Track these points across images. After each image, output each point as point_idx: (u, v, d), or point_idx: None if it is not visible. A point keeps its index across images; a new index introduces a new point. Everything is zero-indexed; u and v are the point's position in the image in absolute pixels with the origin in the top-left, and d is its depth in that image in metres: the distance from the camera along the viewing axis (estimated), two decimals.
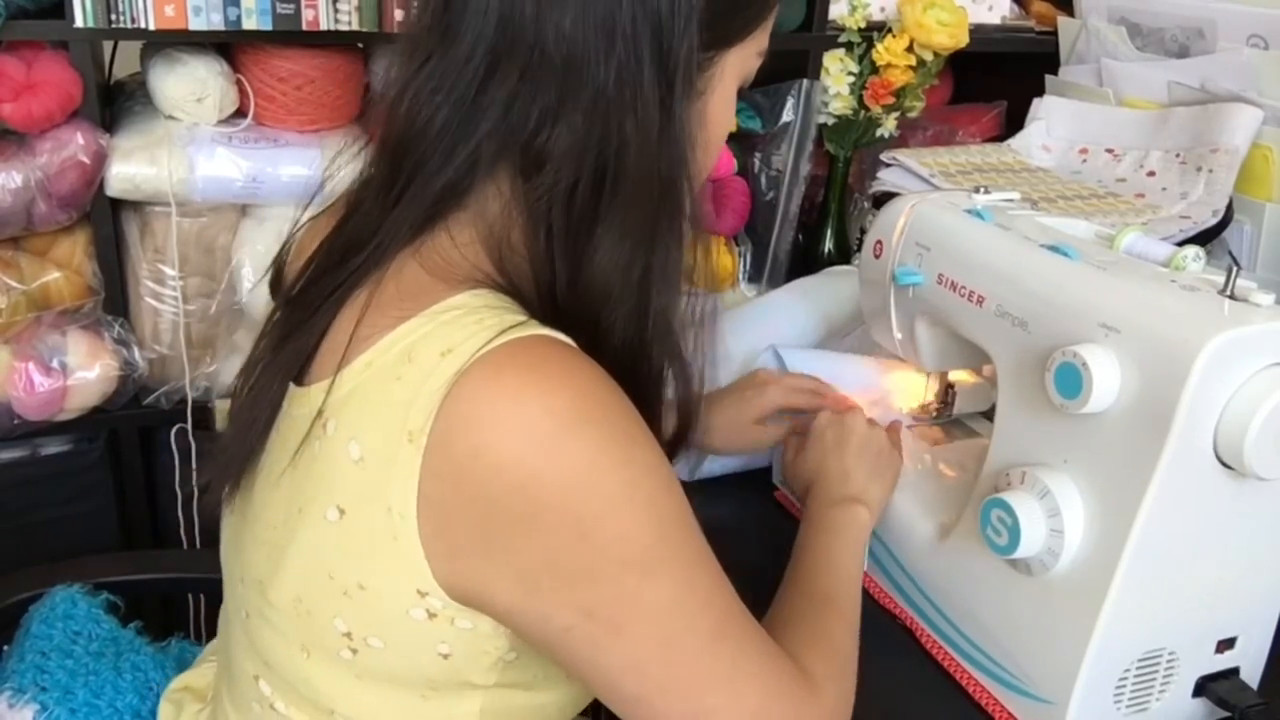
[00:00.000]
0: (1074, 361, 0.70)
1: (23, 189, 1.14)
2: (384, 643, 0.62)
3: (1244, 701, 0.76)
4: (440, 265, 0.62)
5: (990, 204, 0.90)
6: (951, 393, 0.99)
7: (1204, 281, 0.73)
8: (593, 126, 0.59)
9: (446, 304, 0.60)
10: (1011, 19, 1.52)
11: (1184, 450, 0.67)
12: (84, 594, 0.93)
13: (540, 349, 0.58)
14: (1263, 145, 1.16)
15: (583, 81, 0.59)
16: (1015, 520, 0.73)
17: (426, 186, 0.62)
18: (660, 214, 0.62)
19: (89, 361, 1.21)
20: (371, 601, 0.60)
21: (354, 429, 0.60)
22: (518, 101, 0.59)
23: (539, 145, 0.60)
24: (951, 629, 0.83)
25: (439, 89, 0.61)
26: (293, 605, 0.64)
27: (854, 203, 1.53)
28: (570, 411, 0.57)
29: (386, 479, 0.58)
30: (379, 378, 0.60)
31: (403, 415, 0.57)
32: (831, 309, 1.18)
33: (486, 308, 0.60)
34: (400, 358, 0.59)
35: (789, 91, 1.37)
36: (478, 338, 0.57)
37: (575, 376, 0.58)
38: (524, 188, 0.61)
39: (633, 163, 0.60)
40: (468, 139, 0.60)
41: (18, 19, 1.09)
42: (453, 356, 0.57)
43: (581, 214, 0.61)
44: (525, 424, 0.56)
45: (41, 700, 0.83)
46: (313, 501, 0.61)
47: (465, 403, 0.56)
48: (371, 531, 0.59)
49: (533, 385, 0.57)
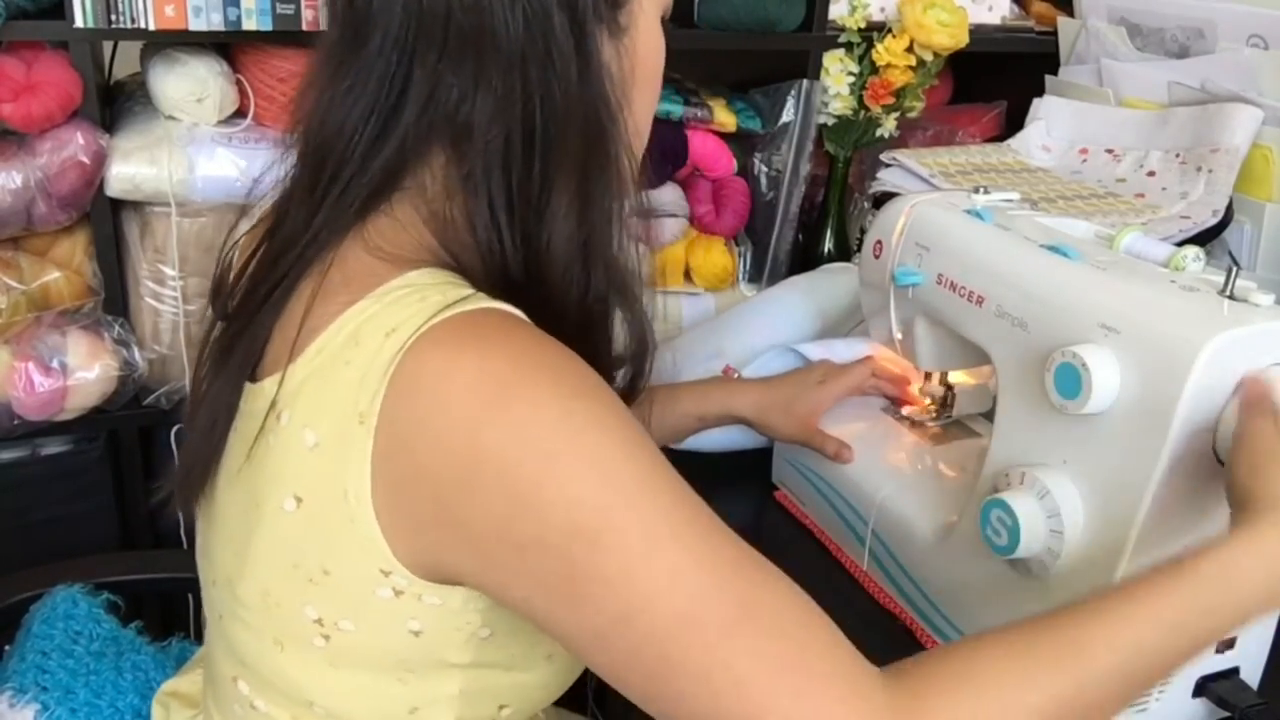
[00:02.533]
0: (1074, 362, 0.70)
1: (23, 189, 1.14)
2: (354, 625, 0.62)
3: (1244, 701, 0.76)
4: (386, 247, 0.62)
5: (990, 204, 0.90)
6: (951, 393, 0.99)
7: (1204, 281, 0.73)
8: (511, 87, 0.59)
9: (392, 285, 0.60)
10: (1011, 19, 1.52)
11: (1184, 450, 0.68)
12: (84, 594, 0.93)
13: (480, 319, 0.58)
14: (1263, 145, 1.16)
15: (495, 44, 0.58)
16: (1015, 520, 0.73)
17: (354, 184, 0.62)
18: (593, 162, 0.62)
19: (89, 361, 1.21)
20: (337, 585, 0.60)
21: (308, 416, 0.60)
22: (442, 79, 0.59)
23: (464, 117, 0.60)
24: (952, 629, 0.84)
25: (352, 92, 0.61)
26: (261, 599, 0.64)
27: (854, 203, 1.53)
28: (507, 372, 0.56)
29: (341, 463, 0.58)
30: (329, 363, 0.60)
31: (353, 397, 0.57)
32: (828, 305, 1.19)
33: (431, 285, 0.60)
34: (348, 341, 0.59)
35: (789, 91, 1.37)
36: (420, 315, 0.57)
37: (513, 340, 0.58)
38: (457, 161, 0.61)
39: (558, 115, 0.60)
40: (392, 129, 0.60)
41: (18, 19, 1.09)
42: (396, 335, 0.57)
43: (519, 176, 0.61)
44: (463, 389, 0.55)
45: (42, 700, 0.83)
46: (270, 494, 0.61)
47: (408, 378, 0.56)
48: (330, 516, 0.59)
49: (469, 351, 0.56)
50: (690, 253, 1.39)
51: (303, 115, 0.65)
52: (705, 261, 1.38)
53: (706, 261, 1.38)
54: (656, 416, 0.98)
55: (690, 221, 1.38)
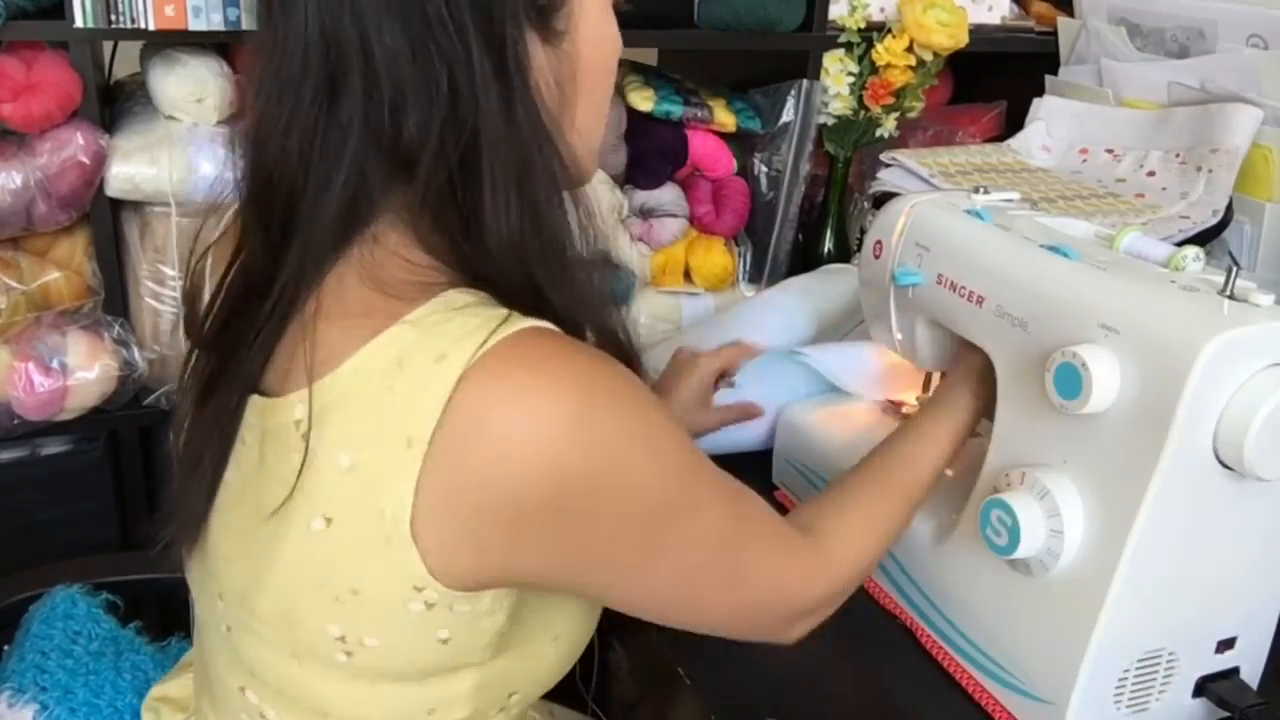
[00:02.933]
0: (1074, 362, 0.70)
1: (23, 189, 1.14)
2: (380, 640, 0.62)
3: (1244, 701, 0.76)
4: (393, 281, 0.61)
5: (990, 204, 0.90)
6: None
7: (1204, 281, 0.73)
8: (441, 114, 0.58)
9: (421, 311, 0.60)
10: (1011, 19, 1.52)
11: (1184, 451, 0.67)
12: (84, 594, 0.93)
13: (533, 342, 0.59)
14: (1263, 145, 1.16)
15: (417, 72, 0.57)
16: (1015, 520, 0.73)
17: (315, 217, 0.60)
18: (527, 181, 0.61)
19: (89, 361, 1.21)
20: (366, 603, 0.61)
21: (342, 438, 0.59)
22: (370, 110, 0.58)
23: (405, 146, 0.59)
24: (951, 629, 0.83)
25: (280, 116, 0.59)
26: (281, 616, 0.63)
27: (854, 203, 1.53)
28: (581, 398, 0.58)
29: (380, 483, 0.58)
30: (369, 387, 0.59)
31: (399, 422, 0.57)
32: (825, 307, 1.19)
33: (467, 307, 0.60)
34: (390, 366, 0.59)
35: (789, 91, 1.37)
36: (471, 339, 0.57)
37: (574, 363, 0.59)
38: (409, 191, 0.60)
39: (486, 139, 0.59)
40: (338, 160, 0.59)
41: (18, 19, 1.09)
42: (449, 362, 0.57)
43: (464, 201, 0.60)
44: (542, 419, 0.57)
45: (41, 700, 0.83)
46: (296, 513, 0.61)
47: (473, 407, 0.57)
48: (363, 536, 0.59)
49: (539, 380, 0.57)
50: (690, 253, 1.39)
51: (243, 140, 0.63)
52: (705, 261, 1.38)
53: (706, 261, 1.38)
54: None
55: (690, 221, 1.38)
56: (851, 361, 1.04)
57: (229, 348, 0.66)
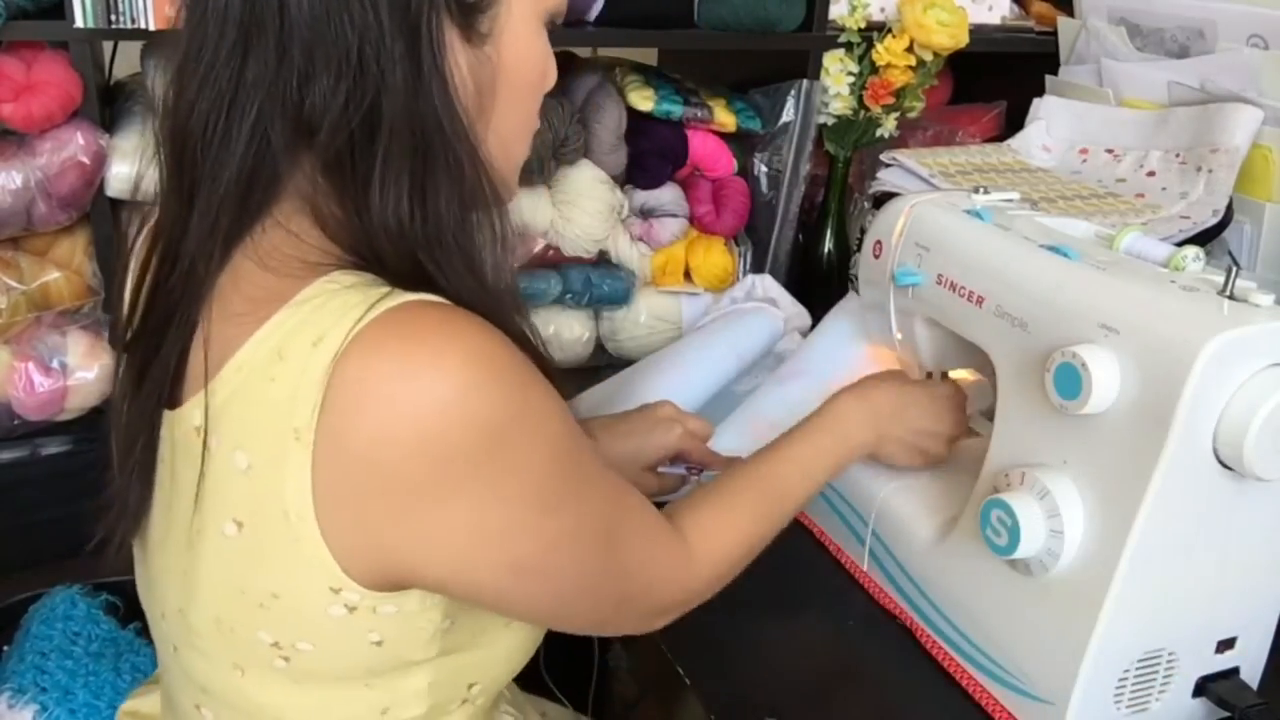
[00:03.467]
0: (1073, 362, 0.70)
1: (23, 189, 1.13)
2: (313, 644, 0.60)
3: (1244, 701, 0.76)
4: (285, 261, 0.60)
5: (990, 204, 0.90)
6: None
7: (1204, 281, 0.73)
8: (347, 84, 0.57)
9: (306, 293, 0.58)
10: (1011, 19, 1.52)
11: (1184, 450, 0.68)
12: (84, 594, 0.93)
13: (413, 315, 0.57)
14: (1263, 145, 1.16)
15: (329, 39, 0.56)
16: (1015, 520, 0.73)
17: (216, 182, 0.60)
18: (425, 170, 0.59)
19: (89, 361, 1.21)
20: (289, 608, 0.59)
21: (236, 438, 0.58)
22: (280, 73, 0.57)
23: (308, 112, 0.58)
24: (951, 629, 0.83)
25: (195, 73, 0.59)
26: (214, 627, 0.62)
27: (854, 203, 1.53)
28: (463, 371, 0.55)
29: (278, 483, 0.56)
30: (252, 381, 0.58)
31: (285, 414, 0.56)
32: (743, 346, 1.22)
33: (347, 288, 0.58)
34: (270, 357, 0.57)
35: (789, 91, 1.37)
36: (347, 318, 0.56)
37: (458, 334, 0.57)
38: (311, 158, 0.59)
39: (387, 117, 0.58)
40: (241, 122, 0.58)
41: (18, 19, 1.09)
42: (325, 344, 0.55)
43: (361, 175, 0.59)
44: (421, 395, 0.55)
45: (41, 701, 0.83)
46: (209, 520, 0.60)
47: (350, 388, 0.55)
48: (272, 539, 0.58)
49: (418, 354, 0.55)
50: (690, 253, 1.39)
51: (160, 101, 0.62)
52: (705, 261, 1.38)
53: (706, 261, 1.38)
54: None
55: (690, 221, 1.38)
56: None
57: (147, 355, 0.65)
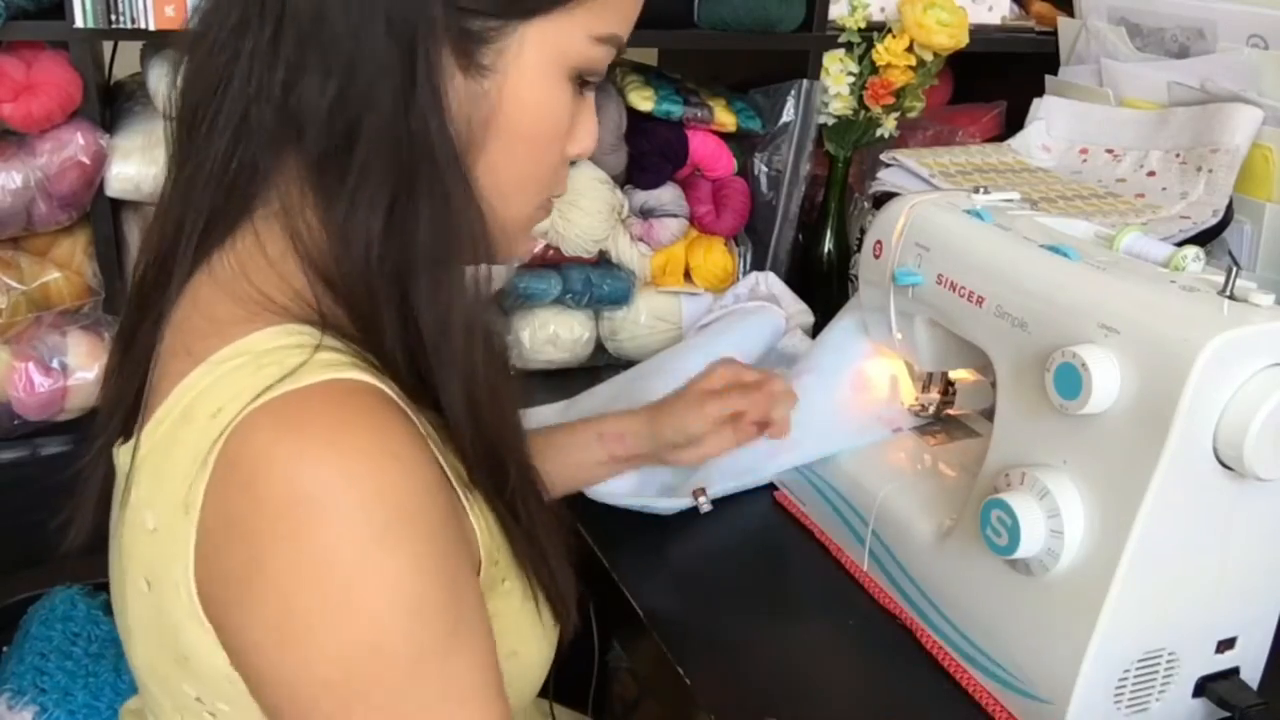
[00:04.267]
0: (1073, 362, 0.70)
1: (23, 189, 1.13)
2: (230, 706, 0.57)
3: (1244, 701, 0.76)
4: (241, 287, 0.57)
5: (990, 204, 0.90)
6: (952, 389, 0.99)
7: (1204, 281, 0.73)
8: (336, 83, 0.55)
9: (232, 349, 0.56)
10: (1011, 19, 1.52)
11: (1184, 451, 0.67)
12: (83, 595, 0.93)
13: (313, 401, 0.53)
14: (1263, 145, 1.16)
15: (326, 33, 0.55)
16: (1015, 520, 0.73)
17: (199, 169, 0.58)
18: (404, 191, 0.56)
19: (89, 361, 1.21)
20: (198, 671, 0.57)
21: (148, 497, 0.56)
22: (272, 61, 0.56)
23: (292, 107, 0.56)
24: (951, 629, 0.83)
25: (198, 57, 0.58)
26: (149, 673, 0.61)
27: (854, 203, 1.53)
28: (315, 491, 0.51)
29: (171, 553, 0.54)
30: (164, 441, 0.56)
31: (180, 484, 0.53)
32: (745, 346, 1.21)
33: (270, 352, 0.55)
34: (180, 418, 0.55)
35: (789, 91, 1.37)
36: (247, 393, 0.52)
37: (338, 446, 0.52)
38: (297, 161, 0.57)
39: (371, 126, 0.55)
40: (232, 109, 0.57)
41: (18, 19, 1.09)
42: (220, 416, 0.53)
43: (337, 179, 0.56)
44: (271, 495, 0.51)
45: (41, 702, 0.83)
46: (129, 571, 0.59)
47: (228, 466, 0.52)
48: (171, 605, 0.56)
49: (286, 444, 0.51)
50: (690, 253, 1.39)
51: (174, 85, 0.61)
52: (705, 261, 1.38)
53: (706, 261, 1.38)
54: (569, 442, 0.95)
55: (690, 221, 1.38)
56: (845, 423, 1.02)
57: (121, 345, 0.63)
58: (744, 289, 1.34)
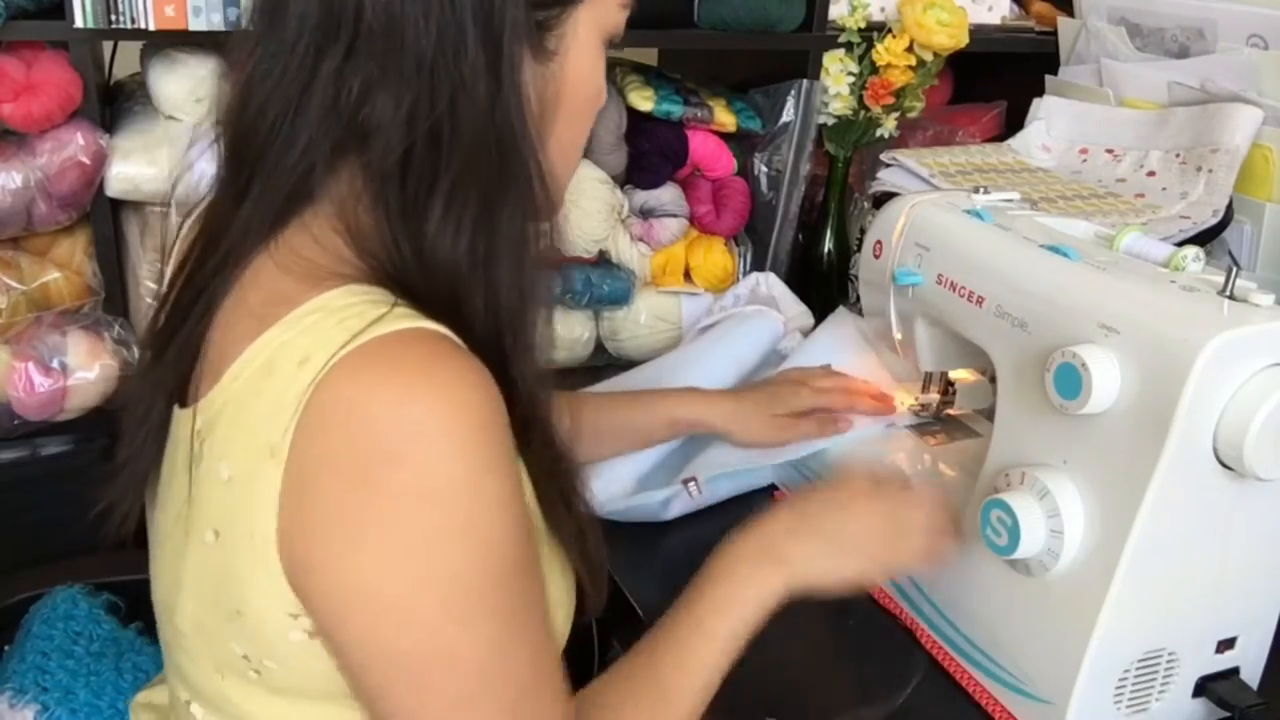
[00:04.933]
0: (1073, 362, 0.70)
1: (23, 189, 1.13)
2: (278, 664, 0.60)
3: (1244, 701, 0.76)
4: (301, 266, 0.59)
5: (990, 204, 0.90)
6: (952, 389, 0.99)
7: (1204, 282, 0.73)
8: (418, 94, 0.57)
9: (306, 308, 0.58)
10: (1011, 19, 1.52)
11: (1184, 451, 0.68)
12: (85, 594, 0.94)
13: (402, 345, 0.55)
14: (1263, 145, 1.16)
15: (403, 48, 0.56)
16: (1015, 520, 0.73)
17: (270, 179, 0.60)
18: (496, 186, 0.59)
19: (89, 361, 1.21)
20: (253, 626, 0.59)
21: (223, 448, 0.58)
22: (345, 78, 0.57)
23: (365, 118, 0.57)
24: (951, 629, 0.83)
25: (269, 74, 0.59)
26: (195, 630, 0.62)
27: (854, 203, 1.53)
28: (428, 420, 0.53)
29: (250, 501, 0.56)
30: (243, 393, 0.58)
31: (265, 430, 0.55)
32: (742, 351, 1.21)
33: (349, 306, 0.57)
34: (262, 370, 0.57)
35: (789, 91, 1.37)
36: (334, 340, 0.55)
37: (440, 379, 0.55)
38: (362, 165, 0.59)
39: (463, 130, 0.58)
40: (304, 125, 0.59)
41: (18, 19, 1.09)
42: (309, 364, 0.55)
43: (415, 186, 0.58)
44: (377, 427, 0.53)
45: (42, 700, 0.83)
46: (195, 524, 0.60)
47: (321, 410, 0.54)
48: (240, 555, 0.57)
49: (390, 385, 0.54)
50: (690, 253, 1.39)
51: (223, 101, 0.63)
52: (705, 261, 1.38)
53: (706, 261, 1.38)
54: (633, 417, 0.99)
55: (690, 221, 1.38)
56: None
57: (160, 349, 0.65)
58: (744, 289, 1.34)
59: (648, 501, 0.99)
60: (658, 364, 1.23)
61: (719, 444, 1.04)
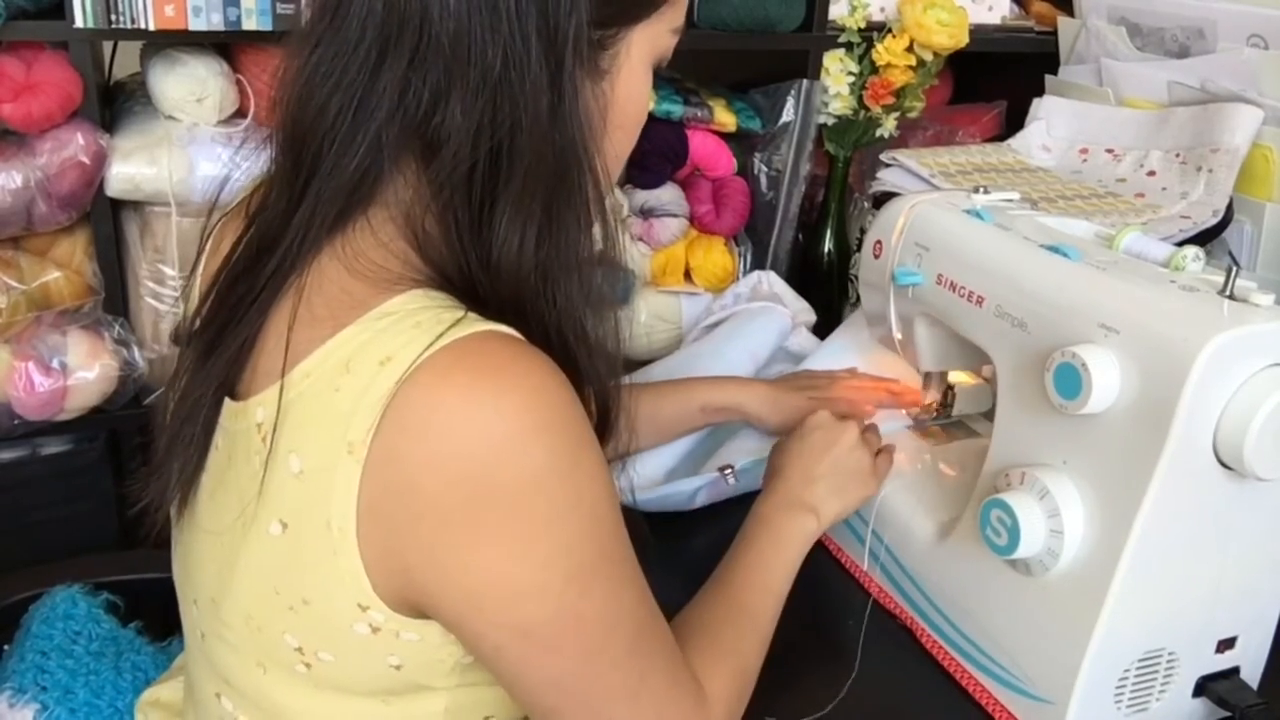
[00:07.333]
0: (1073, 362, 0.70)
1: (23, 189, 1.13)
2: (334, 656, 0.61)
3: (1244, 701, 0.76)
4: (369, 268, 0.61)
5: (990, 204, 0.90)
6: (951, 393, 0.99)
7: (1204, 281, 0.73)
8: (484, 106, 0.58)
9: (382, 309, 0.59)
10: (1011, 19, 1.52)
11: (1184, 450, 0.68)
12: (84, 594, 0.93)
13: (485, 347, 0.57)
14: (1263, 145, 1.16)
15: (470, 60, 0.57)
16: (1015, 520, 0.73)
17: (330, 179, 0.60)
18: (557, 197, 0.61)
19: (89, 361, 1.21)
20: (317, 616, 0.60)
21: (293, 442, 0.59)
22: (411, 84, 0.58)
23: (434, 128, 0.58)
24: (951, 629, 0.83)
25: (330, 75, 0.59)
26: (244, 622, 0.63)
27: (854, 203, 1.53)
28: (523, 415, 0.56)
29: (326, 492, 0.57)
30: (317, 389, 0.58)
31: (342, 427, 0.56)
32: (756, 345, 1.21)
33: (423, 309, 0.59)
34: (338, 368, 0.58)
35: (789, 91, 1.37)
36: (417, 342, 0.56)
37: (526, 376, 0.57)
38: (426, 172, 0.60)
39: (525, 144, 0.59)
40: (365, 126, 0.59)
41: (18, 19, 1.09)
42: (392, 365, 0.56)
43: (480, 198, 0.60)
44: (477, 430, 0.55)
45: (42, 700, 0.83)
46: (256, 516, 0.60)
47: (412, 411, 0.55)
48: (312, 546, 0.58)
49: (483, 388, 0.56)
50: (690, 253, 1.39)
51: (283, 95, 0.63)
52: (705, 261, 1.38)
53: (706, 261, 1.38)
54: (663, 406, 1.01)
55: (690, 221, 1.38)
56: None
57: (217, 335, 0.65)
58: (745, 288, 1.34)
59: (678, 491, 0.99)
60: (666, 362, 1.22)
61: (746, 432, 1.05)
